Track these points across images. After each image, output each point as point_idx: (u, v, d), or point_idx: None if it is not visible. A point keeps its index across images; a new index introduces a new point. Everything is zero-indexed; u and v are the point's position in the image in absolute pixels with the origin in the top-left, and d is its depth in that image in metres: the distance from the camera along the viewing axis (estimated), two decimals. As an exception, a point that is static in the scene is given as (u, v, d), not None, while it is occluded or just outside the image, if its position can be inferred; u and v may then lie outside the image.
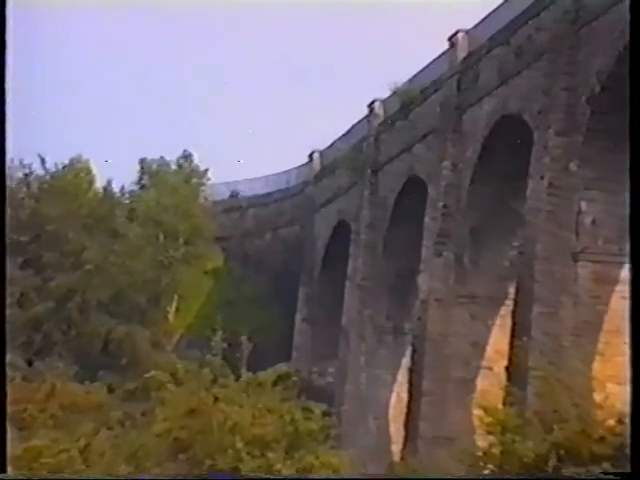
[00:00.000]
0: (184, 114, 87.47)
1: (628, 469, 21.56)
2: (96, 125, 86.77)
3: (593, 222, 30.08)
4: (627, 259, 29.62)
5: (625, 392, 26.68)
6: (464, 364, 35.37)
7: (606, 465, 21.21)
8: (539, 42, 32.15)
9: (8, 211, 42.31)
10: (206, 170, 50.01)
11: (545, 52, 31.71)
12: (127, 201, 46.63)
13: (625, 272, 29.45)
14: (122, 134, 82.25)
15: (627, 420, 22.99)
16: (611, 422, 22.62)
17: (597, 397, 26.04)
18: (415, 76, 41.30)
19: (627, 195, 29.37)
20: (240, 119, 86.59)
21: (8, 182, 43.16)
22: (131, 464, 18.89)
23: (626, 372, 27.72)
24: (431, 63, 39.96)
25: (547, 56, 31.59)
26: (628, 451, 21.86)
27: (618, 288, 29.63)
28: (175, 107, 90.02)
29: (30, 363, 27.67)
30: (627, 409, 24.10)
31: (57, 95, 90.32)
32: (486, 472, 23.35)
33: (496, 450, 23.52)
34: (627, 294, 29.11)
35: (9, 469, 14.33)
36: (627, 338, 28.34)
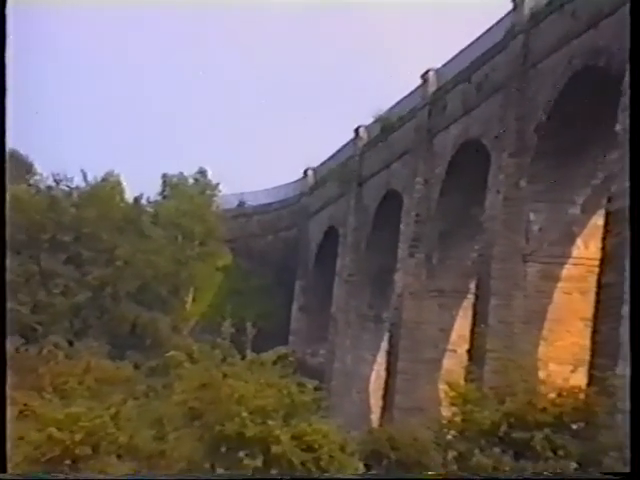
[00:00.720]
0: (197, 135, 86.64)
1: (566, 435, 22.01)
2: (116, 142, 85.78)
3: (540, 229, 30.31)
4: (568, 260, 30.32)
5: (564, 371, 27.11)
6: (433, 347, 35.55)
7: (547, 431, 21.68)
8: (495, 80, 32.40)
9: (52, 216, 42.11)
10: (218, 183, 50.11)
11: (500, 88, 31.95)
12: (152, 208, 46.54)
13: (566, 271, 30.08)
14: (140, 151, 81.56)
15: (565, 394, 23.45)
16: (552, 395, 22.98)
17: (541, 375, 26.43)
18: (394, 106, 41.35)
19: (568, 206, 30.01)
20: (246, 140, 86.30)
21: (54, 192, 43.50)
22: (154, 429, 18.91)
23: (566, 354, 28.16)
24: (407, 95, 40.03)
25: (502, 91, 31.83)
26: (566, 419, 22.28)
27: (560, 284, 30.03)
28: (188, 129, 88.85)
29: (71, 343, 27.88)
30: (566, 385, 24.48)
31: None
32: (449, 438, 23.47)
33: (458, 419, 23.82)
34: (568, 290, 29.69)
35: (54, 430, 14.64)
36: (568, 326, 28.90)
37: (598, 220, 27.91)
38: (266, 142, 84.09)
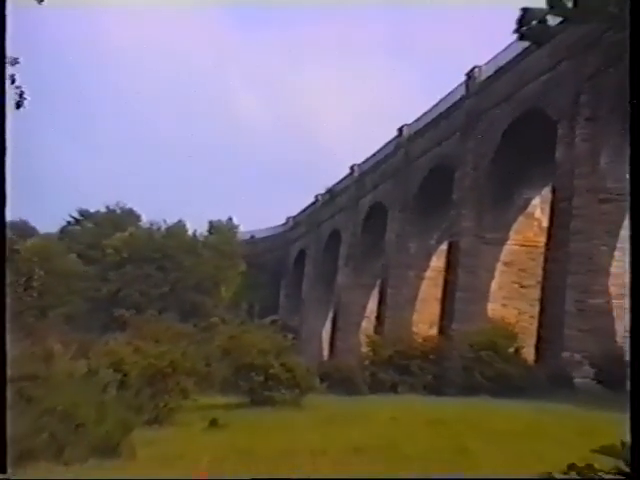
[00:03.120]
0: (226, 195, 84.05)
1: (427, 362, 21.76)
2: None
3: (414, 252, 30.85)
4: (429, 268, 30.64)
5: (426, 328, 27.47)
6: (357, 315, 35.54)
7: (418, 360, 21.86)
8: (390, 170, 33.01)
9: (150, 244, 40.85)
10: (239, 224, 49.91)
11: (393, 175, 32.53)
12: (203, 239, 46.29)
13: (427, 273, 30.42)
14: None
15: (427, 340, 23.36)
16: (420, 340, 23.57)
17: (414, 329, 27.06)
18: (336, 184, 41.60)
19: (429, 239, 30.77)
20: (253, 201, 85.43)
21: (151, 233, 43.37)
22: (204, 360, 18.39)
23: (427, 318, 28.59)
24: (343, 178, 40.37)
25: (394, 177, 32.28)
26: (427, 353, 22.03)
27: (425, 281, 30.48)
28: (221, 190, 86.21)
29: (160, 312, 27.72)
30: (427, 335, 24.71)
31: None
32: (365, 364, 23.20)
33: (370, 354, 23.85)
34: (428, 284, 30.25)
35: (152, 359, 14.40)
36: (429, 303, 29.36)
37: (444, 247, 28.41)
38: (264, 202, 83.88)
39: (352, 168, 38.92)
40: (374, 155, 36.09)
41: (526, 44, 18.66)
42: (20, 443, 7.61)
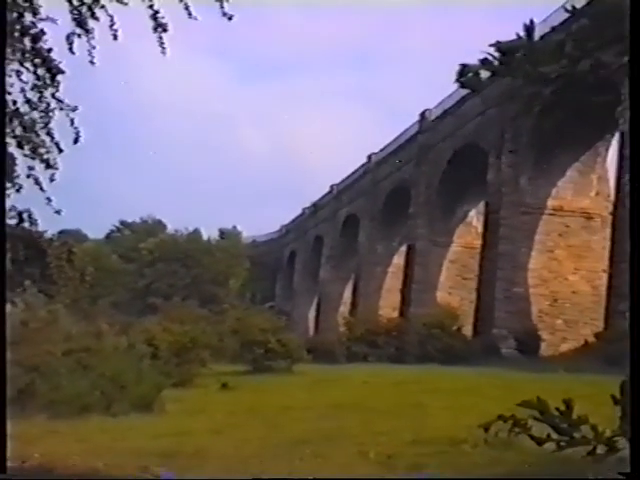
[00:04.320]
0: (234, 207, 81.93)
1: (390, 337, 21.24)
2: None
3: (381, 252, 30.81)
4: (392, 265, 30.48)
5: (390, 311, 27.39)
6: (336, 302, 35.25)
7: (382, 336, 21.20)
8: (362, 189, 32.70)
9: (175, 247, 40.94)
10: (242, 231, 49.52)
11: (363, 194, 32.30)
12: (216, 243, 45.91)
13: (391, 269, 30.08)
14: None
15: (390, 320, 22.87)
16: (384, 321, 23.30)
17: (380, 312, 26.99)
18: (319, 199, 41.20)
19: (392, 242, 30.84)
20: (255, 211, 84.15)
21: (176, 239, 43.17)
22: (217, 337, 17.85)
23: (390, 304, 28.41)
24: (325, 195, 39.95)
25: (365, 195, 32.07)
26: (390, 331, 21.42)
27: (389, 274, 30.29)
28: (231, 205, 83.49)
29: (183, 299, 27.36)
30: (390, 316, 24.56)
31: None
32: (343, 340, 22.33)
33: (347, 332, 23.23)
34: (392, 276, 30.25)
35: (177, 336, 13.92)
36: (392, 292, 29.25)
37: (403, 248, 28.39)
38: (263, 214, 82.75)
39: (332, 187, 38.85)
40: (349, 177, 36.06)
41: (465, 92, 19.10)
42: (80, 400, 7.72)
